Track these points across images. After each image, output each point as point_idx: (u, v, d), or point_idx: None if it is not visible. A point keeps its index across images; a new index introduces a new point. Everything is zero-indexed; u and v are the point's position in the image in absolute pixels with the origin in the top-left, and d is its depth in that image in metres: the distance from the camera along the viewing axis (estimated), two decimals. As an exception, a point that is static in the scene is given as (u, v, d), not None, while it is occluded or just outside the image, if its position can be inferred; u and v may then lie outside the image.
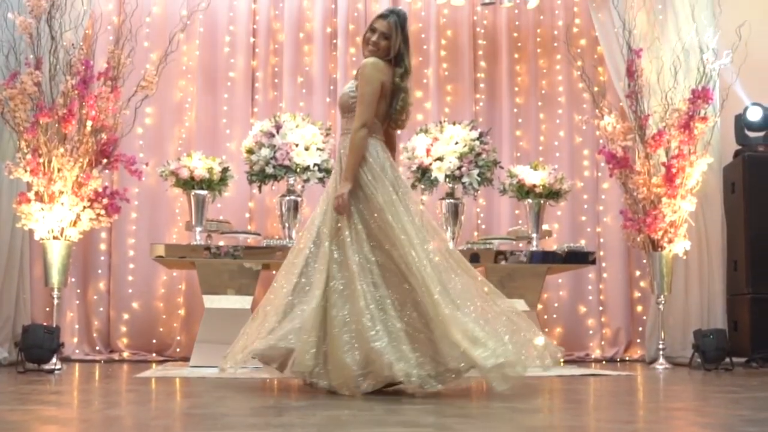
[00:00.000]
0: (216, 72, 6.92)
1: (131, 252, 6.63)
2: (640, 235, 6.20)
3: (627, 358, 6.90)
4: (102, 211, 5.58)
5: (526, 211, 6.28)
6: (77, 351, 6.40)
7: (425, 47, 7.16)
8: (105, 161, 5.67)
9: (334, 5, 7.10)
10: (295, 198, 5.97)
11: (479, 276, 4.13)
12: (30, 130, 5.42)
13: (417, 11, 7.17)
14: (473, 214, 6.97)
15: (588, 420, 3.15)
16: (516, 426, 2.89)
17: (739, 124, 6.58)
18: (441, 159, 5.94)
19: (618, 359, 6.86)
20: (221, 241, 5.99)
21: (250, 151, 5.93)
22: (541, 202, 6.17)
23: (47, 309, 6.06)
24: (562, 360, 6.36)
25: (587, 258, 6.16)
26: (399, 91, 4.09)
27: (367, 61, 4.06)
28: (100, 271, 6.61)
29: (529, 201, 6.17)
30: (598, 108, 6.51)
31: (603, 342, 7.00)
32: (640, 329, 6.94)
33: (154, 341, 6.61)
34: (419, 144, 6.03)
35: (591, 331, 6.99)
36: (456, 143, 5.96)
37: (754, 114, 6.54)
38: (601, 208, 7.16)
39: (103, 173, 5.78)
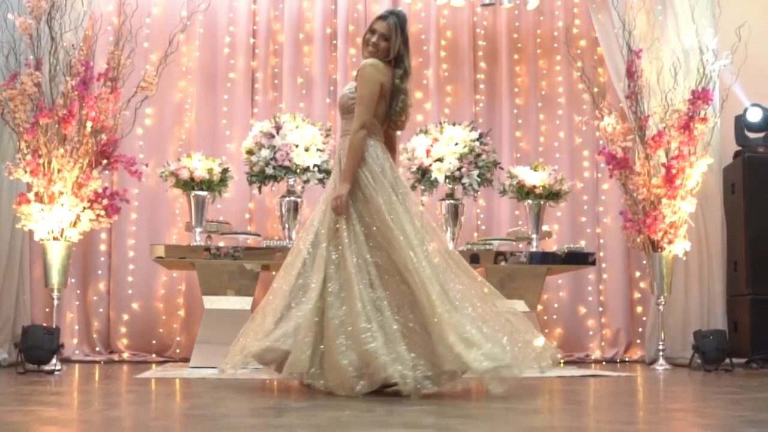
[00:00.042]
0: (216, 73, 6.92)
1: (131, 253, 6.63)
2: (640, 236, 6.20)
3: (627, 358, 6.90)
4: (102, 212, 5.58)
5: (525, 212, 6.28)
6: (77, 352, 6.40)
7: (425, 48, 7.16)
8: (105, 162, 5.67)
9: (334, 6, 7.10)
10: (295, 199, 5.98)
11: (479, 277, 4.12)
12: (30, 130, 5.42)
13: (417, 12, 7.18)
14: (473, 214, 6.97)
15: (588, 421, 3.15)
16: (516, 427, 2.89)
17: (739, 124, 6.59)
18: (441, 160, 5.94)
19: (618, 360, 6.86)
20: (221, 242, 5.99)
21: (250, 152, 5.93)
22: (541, 202, 6.17)
23: (47, 310, 6.06)
24: (562, 361, 6.39)
25: (587, 259, 6.16)
26: (399, 93, 4.08)
27: (367, 62, 4.05)
28: (100, 272, 6.61)
29: (529, 202, 6.17)
30: (598, 109, 6.51)
31: (603, 343, 7.00)
32: (640, 330, 6.94)
33: (154, 342, 6.61)
34: (419, 145, 6.04)
35: (591, 332, 7.00)
36: (456, 144, 5.97)
37: (753, 115, 6.54)
38: (601, 209, 7.16)
39: (103, 174, 5.78)
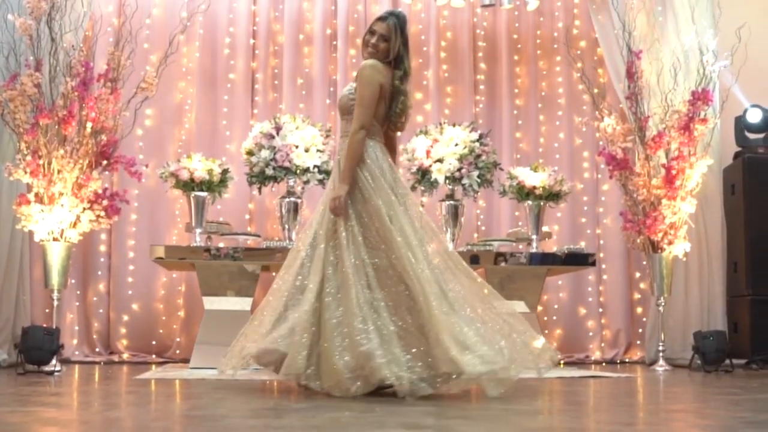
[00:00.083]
0: (216, 74, 6.92)
1: (131, 253, 6.63)
2: (640, 237, 6.20)
3: (627, 359, 6.90)
4: (102, 213, 5.58)
5: (525, 213, 6.28)
6: (77, 352, 6.40)
7: (425, 49, 7.17)
8: (105, 163, 5.67)
9: (333, 7, 7.10)
10: (295, 200, 5.98)
11: (478, 278, 4.12)
12: (30, 131, 5.41)
13: (417, 13, 7.18)
14: (473, 215, 6.97)
15: (588, 422, 3.14)
16: (516, 428, 2.89)
17: (739, 125, 6.59)
18: (441, 161, 5.94)
19: (618, 361, 6.85)
20: (221, 243, 5.98)
21: (250, 153, 5.93)
22: (541, 203, 6.17)
23: (47, 310, 6.06)
24: (562, 362, 6.40)
25: (587, 260, 6.16)
26: (398, 94, 4.07)
27: (366, 63, 4.05)
28: (99, 273, 6.61)
29: (529, 203, 6.17)
30: (598, 110, 6.50)
31: (603, 344, 7.00)
32: (640, 331, 6.94)
33: (153, 343, 6.61)
34: (419, 145, 6.04)
35: (591, 333, 7.00)
36: (456, 145, 5.97)
37: (753, 116, 6.54)
38: (601, 209, 7.16)
39: (103, 175, 5.77)
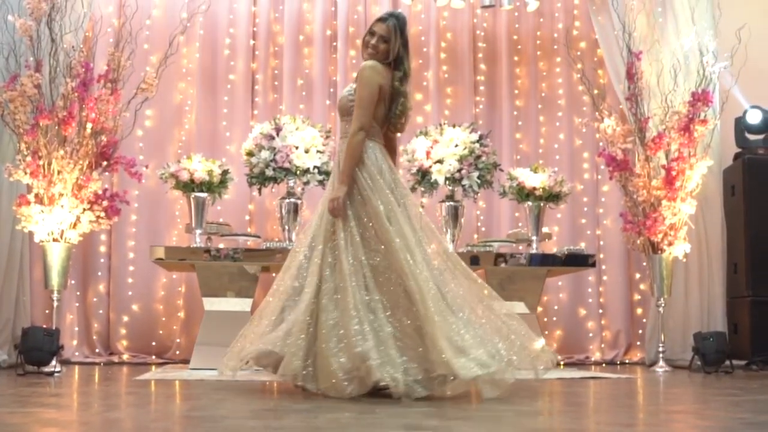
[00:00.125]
0: (216, 74, 6.92)
1: (131, 254, 6.63)
2: (640, 238, 6.20)
3: (627, 360, 6.90)
4: (102, 214, 5.58)
5: (525, 214, 6.28)
6: (77, 353, 6.40)
7: (425, 50, 7.17)
8: (105, 163, 5.67)
9: (333, 8, 7.11)
10: (295, 200, 5.98)
11: (478, 279, 4.11)
12: (30, 132, 5.41)
13: (417, 14, 7.18)
14: (473, 216, 6.97)
15: (588, 423, 3.14)
16: (517, 428, 2.89)
17: (739, 126, 6.59)
18: (441, 161, 5.94)
19: (618, 362, 6.85)
20: (221, 244, 5.98)
21: (250, 154, 5.93)
22: (541, 204, 6.17)
23: (47, 311, 6.06)
24: (562, 363, 6.40)
25: (587, 261, 6.16)
26: (398, 95, 4.07)
27: (366, 64, 4.04)
28: (99, 274, 6.61)
29: (529, 203, 6.17)
30: (597, 111, 6.50)
31: (603, 345, 7.00)
32: (640, 332, 6.94)
33: (153, 344, 6.61)
34: (419, 146, 6.04)
35: (591, 334, 7.00)
36: (456, 146, 5.97)
37: (753, 117, 6.54)
38: (601, 210, 7.17)
39: (103, 175, 5.77)
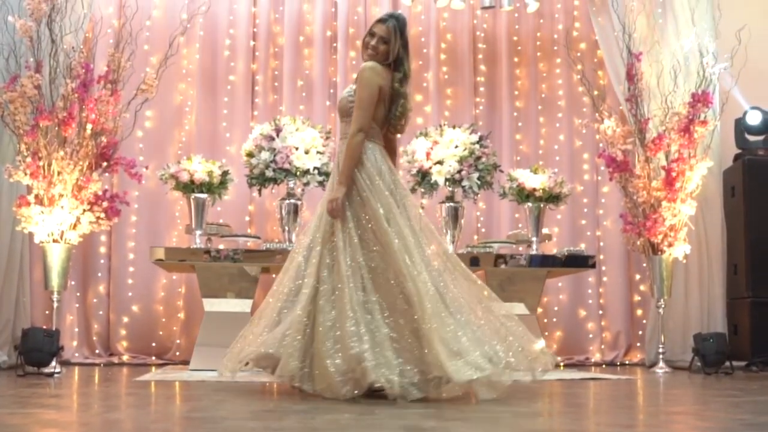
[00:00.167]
0: (216, 75, 6.92)
1: (131, 255, 6.63)
2: (640, 239, 6.20)
3: (627, 361, 6.89)
4: (102, 215, 5.58)
5: (526, 215, 6.28)
6: (77, 354, 6.39)
7: (425, 51, 7.17)
8: (105, 164, 5.67)
9: (334, 9, 7.11)
10: (295, 201, 5.98)
11: (477, 280, 4.10)
12: (30, 133, 5.41)
13: (417, 15, 7.18)
14: (473, 217, 6.97)
15: (588, 424, 3.14)
16: (517, 430, 2.89)
17: (739, 127, 6.59)
18: (441, 162, 5.95)
19: (618, 363, 6.85)
20: (221, 245, 5.98)
21: (250, 155, 5.93)
22: (541, 205, 6.18)
23: (47, 312, 6.06)
24: (562, 364, 6.40)
25: (587, 262, 6.16)
26: (398, 97, 4.06)
27: (366, 65, 4.04)
28: (99, 275, 6.60)
29: (529, 205, 6.17)
30: (598, 112, 6.50)
31: (603, 346, 6.99)
32: (640, 333, 6.94)
33: (153, 344, 6.60)
34: (419, 147, 6.04)
35: (591, 335, 6.99)
36: (456, 147, 5.97)
37: (753, 118, 6.54)
38: (601, 211, 7.16)
39: (103, 176, 5.78)
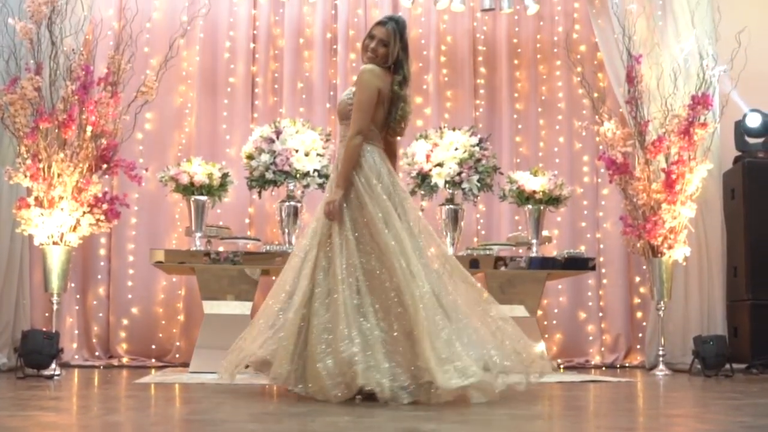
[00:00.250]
0: (216, 77, 6.93)
1: (131, 257, 6.63)
2: (639, 241, 6.19)
3: (627, 364, 6.89)
4: (102, 217, 5.58)
5: (525, 217, 6.28)
6: (76, 356, 6.40)
7: (425, 53, 7.17)
8: (105, 166, 5.67)
9: (334, 11, 7.11)
10: (295, 204, 5.98)
11: (476, 283, 4.11)
12: (30, 135, 5.42)
13: (417, 17, 7.19)
14: (473, 219, 6.97)
15: (588, 427, 3.14)
16: (516, 432, 2.89)
17: (739, 130, 6.59)
18: (441, 165, 5.95)
19: (618, 365, 6.85)
20: (221, 247, 5.99)
21: (250, 157, 5.93)
22: (541, 208, 6.18)
23: (47, 314, 6.05)
24: (561, 366, 6.40)
25: (587, 264, 6.16)
26: (398, 100, 4.06)
27: (365, 68, 4.05)
28: (99, 277, 6.61)
29: (529, 207, 6.17)
30: (597, 114, 6.50)
31: (603, 348, 6.99)
32: (639, 335, 6.94)
33: (153, 347, 6.60)
34: (419, 150, 6.04)
35: (591, 337, 6.99)
36: (456, 149, 5.97)
37: (753, 120, 6.54)
38: (601, 214, 7.17)
39: (103, 178, 5.78)
